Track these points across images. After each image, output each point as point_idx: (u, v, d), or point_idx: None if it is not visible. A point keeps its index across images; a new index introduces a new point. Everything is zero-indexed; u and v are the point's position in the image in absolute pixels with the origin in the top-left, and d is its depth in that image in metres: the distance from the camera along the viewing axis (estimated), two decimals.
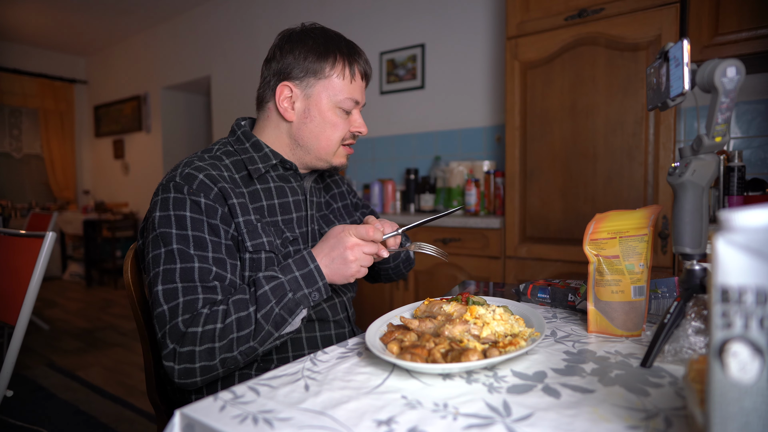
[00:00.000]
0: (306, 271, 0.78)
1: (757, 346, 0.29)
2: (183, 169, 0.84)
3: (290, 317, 0.76)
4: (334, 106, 0.92)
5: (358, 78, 0.94)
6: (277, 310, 0.75)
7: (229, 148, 0.94)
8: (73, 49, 5.78)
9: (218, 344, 0.73)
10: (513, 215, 2.09)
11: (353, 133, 0.97)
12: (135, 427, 2.06)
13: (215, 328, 0.73)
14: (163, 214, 0.80)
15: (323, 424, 0.47)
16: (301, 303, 0.77)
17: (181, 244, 0.78)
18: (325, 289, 0.79)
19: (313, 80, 0.91)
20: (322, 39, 0.92)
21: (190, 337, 0.73)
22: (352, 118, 0.95)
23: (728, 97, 0.57)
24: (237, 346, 0.74)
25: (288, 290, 0.76)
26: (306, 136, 0.93)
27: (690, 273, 0.64)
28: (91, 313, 4.04)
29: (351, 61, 0.93)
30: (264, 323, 0.74)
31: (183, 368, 0.73)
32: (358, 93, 0.94)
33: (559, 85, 1.94)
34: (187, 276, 0.77)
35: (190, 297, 0.75)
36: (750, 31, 1.59)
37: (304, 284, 0.77)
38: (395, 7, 3.06)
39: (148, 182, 5.27)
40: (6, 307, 1.28)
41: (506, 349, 0.61)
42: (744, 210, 0.29)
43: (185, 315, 0.74)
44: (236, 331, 0.73)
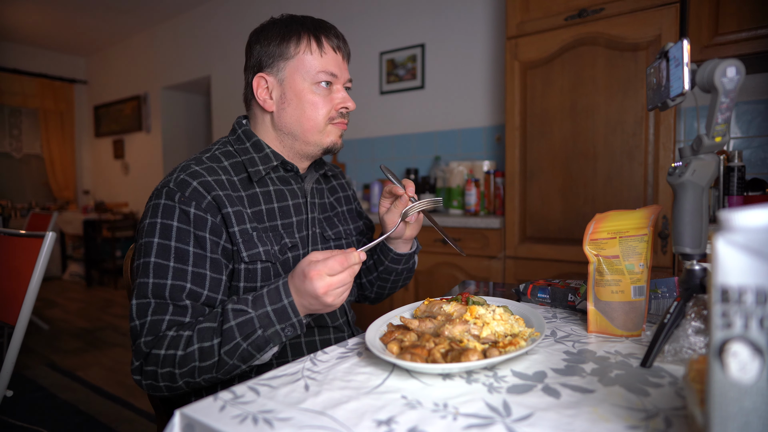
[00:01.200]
0: (279, 307, 0.72)
1: (757, 346, 0.29)
2: (178, 175, 0.82)
3: (259, 354, 0.72)
4: (309, 84, 0.88)
5: (329, 51, 0.89)
6: (244, 345, 0.70)
7: (229, 148, 0.92)
8: (73, 49, 5.78)
9: (179, 371, 0.71)
10: (513, 215, 2.09)
11: (340, 111, 0.92)
12: (135, 427, 2.06)
13: (176, 354, 0.71)
14: (151, 221, 0.79)
15: (323, 424, 0.47)
16: (272, 341, 0.71)
17: (159, 258, 0.77)
18: (300, 325, 0.73)
19: (282, 63, 0.88)
20: (286, 22, 0.90)
21: (152, 358, 0.72)
22: (333, 95, 0.90)
23: (728, 97, 0.57)
24: (199, 375, 0.72)
25: (257, 327, 0.71)
26: (288, 122, 0.90)
27: (690, 273, 0.64)
28: (91, 313, 4.04)
29: (317, 34, 0.88)
30: (227, 359, 0.71)
31: (149, 384, 0.74)
32: (333, 66, 0.89)
33: (559, 85, 1.94)
34: (159, 292, 0.75)
35: (156, 317, 0.74)
36: (750, 31, 1.59)
37: (276, 320, 0.71)
38: (395, 7, 3.06)
39: (148, 182, 5.27)
40: (6, 307, 1.28)
41: (506, 349, 0.61)
42: (744, 210, 0.29)
43: (148, 337, 0.74)
44: (198, 361, 0.71)
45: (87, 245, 5.21)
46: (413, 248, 1.05)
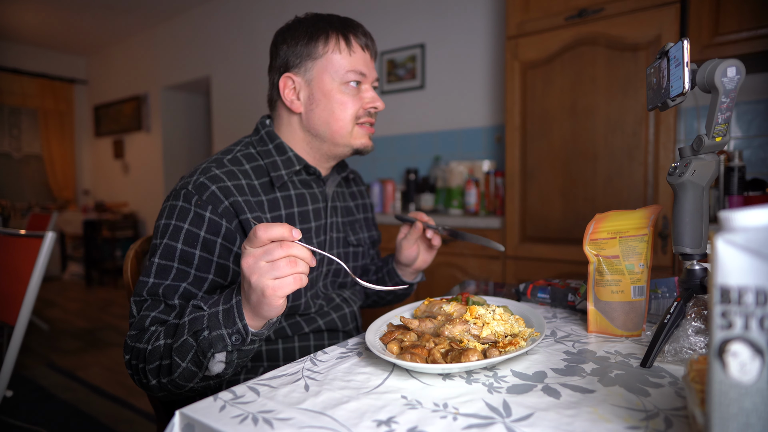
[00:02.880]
0: (228, 307, 0.63)
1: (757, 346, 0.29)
2: (198, 177, 0.80)
3: (204, 358, 0.63)
4: (338, 83, 0.86)
5: (357, 49, 0.87)
6: (195, 346, 0.64)
7: (251, 150, 0.90)
8: (73, 49, 5.78)
9: (148, 366, 0.69)
10: (513, 215, 2.09)
11: (367, 111, 0.89)
12: (135, 427, 2.06)
13: (146, 349, 0.70)
14: (165, 222, 0.79)
15: (323, 424, 0.47)
16: (214, 345, 0.62)
17: (163, 259, 0.76)
18: (245, 332, 0.62)
19: (310, 63, 0.86)
20: (313, 21, 0.88)
21: (135, 353, 0.72)
22: (362, 95, 0.89)
23: (728, 97, 0.57)
24: (162, 375, 0.68)
25: (204, 326, 0.63)
26: (316, 123, 0.88)
27: (690, 273, 0.64)
28: (91, 313, 4.04)
29: (346, 33, 0.87)
30: (179, 360, 0.65)
31: (138, 380, 0.73)
32: (362, 65, 0.87)
33: (559, 85, 1.94)
34: (154, 290, 0.75)
35: (145, 313, 0.74)
36: (750, 31, 1.59)
37: (223, 322, 0.62)
38: (395, 7, 3.06)
39: (147, 182, 5.27)
40: (6, 307, 1.28)
41: (506, 349, 0.61)
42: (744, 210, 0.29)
43: (133, 331, 0.73)
44: (161, 357, 0.68)
45: (87, 245, 5.21)
46: (418, 278, 1.06)
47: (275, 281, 0.57)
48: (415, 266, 1.02)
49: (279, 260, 0.58)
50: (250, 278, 0.58)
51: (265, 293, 0.58)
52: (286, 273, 0.58)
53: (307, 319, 0.89)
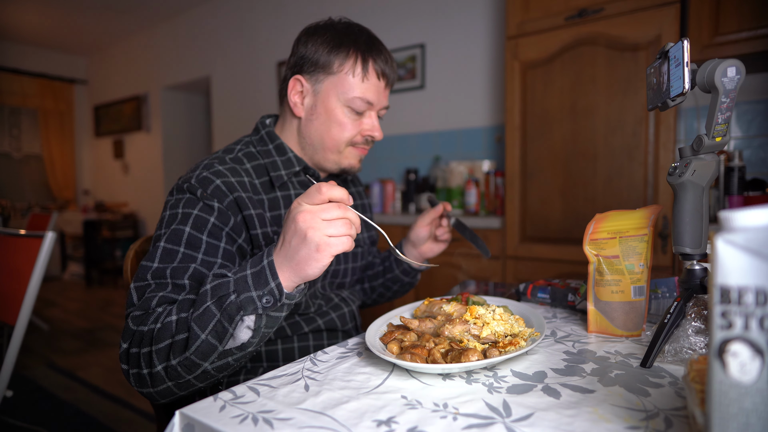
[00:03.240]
0: (258, 269, 0.61)
1: (757, 347, 0.29)
2: (201, 172, 0.80)
3: (230, 326, 0.60)
4: (342, 105, 0.86)
5: (372, 77, 0.86)
6: (217, 315, 0.60)
7: (252, 149, 0.90)
8: (73, 49, 5.78)
9: (155, 347, 0.63)
10: (513, 215, 2.09)
11: (365, 138, 0.90)
12: (135, 427, 2.06)
13: (154, 328, 0.64)
14: (171, 212, 0.77)
15: (323, 424, 0.47)
16: (244, 308, 0.60)
17: (169, 243, 0.73)
18: (279, 291, 0.60)
19: (323, 75, 0.86)
20: (341, 32, 0.86)
21: (137, 338, 0.66)
22: (363, 121, 0.89)
23: (728, 97, 0.57)
24: (173, 355, 0.62)
25: (231, 290, 0.61)
26: (312, 133, 0.89)
27: (690, 273, 0.64)
28: (91, 313, 4.04)
29: (366, 57, 0.85)
30: (198, 330, 0.60)
31: (135, 374, 0.66)
32: (372, 94, 0.86)
33: (559, 85, 1.94)
34: (160, 273, 0.71)
35: (151, 294, 0.69)
36: (750, 31, 1.59)
37: (253, 284, 0.60)
38: (395, 7, 3.06)
39: (148, 182, 5.27)
40: (6, 307, 1.28)
41: (506, 349, 0.61)
42: (744, 210, 0.29)
43: (137, 312, 0.69)
44: (174, 334, 0.62)
45: (87, 245, 5.21)
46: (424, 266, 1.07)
47: (330, 238, 0.59)
48: (421, 249, 1.04)
49: (336, 220, 0.59)
50: (306, 232, 0.58)
51: (319, 248, 0.58)
52: (341, 233, 0.59)
53: (307, 319, 0.89)
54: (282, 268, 0.61)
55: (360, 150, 0.91)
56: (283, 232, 0.61)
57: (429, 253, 1.04)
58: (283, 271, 0.61)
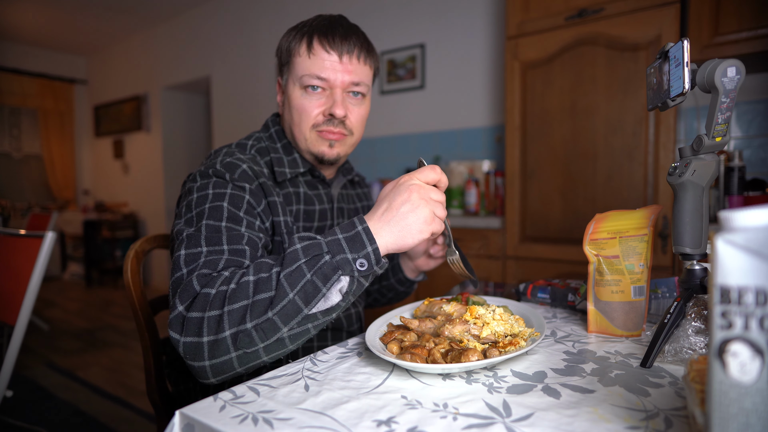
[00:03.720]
0: (351, 234, 0.61)
1: (757, 347, 0.29)
2: (224, 158, 0.80)
3: (325, 285, 0.58)
4: (298, 88, 0.85)
5: (319, 51, 0.82)
6: (308, 275, 0.58)
7: (262, 145, 0.91)
8: (73, 49, 5.78)
9: (227, 309, 0.58)
10: (513, 215, 2.09)
11: (328, 118, 0.85)
12: (135, 427, 2.06)
13: (227, 289, 0.60)
14: (200, 194, 0.75)
15: (323, 424, 0.47)
16: (341, 268, 0.59)
17: (211, 219, 0.71)
18: (376, 256, 0.60)
19: (286, 69, 0.87)
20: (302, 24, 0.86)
21: (201, 300, 0.61)
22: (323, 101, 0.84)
23: (728, 97, 0.57)
24: (251, 317, 0.58)
25: (325, 251, 0.59)
26: (286, 127, 0.91)
27: (690, 273, 0.64)
28: (91, 313, 4.04)
29: (311, 33, 0.83)
30: (287, 288, 0.58)
31: (190, 343, 0.60)
32: (322, 68, 0.82)
33: (559, 85, 1.94)
34: (214, 240, 0.69)
35: (213, 257, 0.67)
36: (750, 31, 1.59)
37: (348, 248, 0.60)
38: (395, 7, 3.06)
39: (148, 182, 5.27)
40: (6, 307, 1.28)
41: (506, 349, 0.61)
42: (744, 210, 0.29)
43: (203, 269, 0.65)
44: (252, 294, 0.59)
45: (87, 245, 5.21)
46: (420, 278, 1.06)
47: (435, 217, 0.63)
48: (417, 263, 1.03)
49: (439, 203, 0.65)
50: (419, 203, 0.62)
51: (426, 220, 0.62)
52: (441, 215, 0.64)
53: None
54: (380, 234, 0.61)
55: (325, 134, 0.86)
56: (389, 199, 0.63)
57: (424, 266, 1.03)
58: (381, 237, 0.61)
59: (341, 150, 0.89)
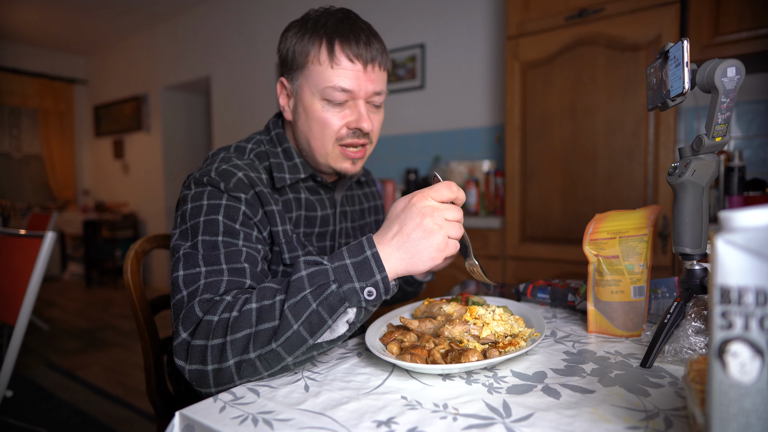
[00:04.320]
0: (360, 259, 0.58)
1: (757, 347, 0.29)
2: (219, 165, 0.76)
3: (330, 318, 0.56)
4: (318, 99, 0.79)
5: (342, 60, 0.76)
6: (314, 305, 0.56)
7: (262, 149, 0.87)
8: (72, 49, 5.78)
9: (230, 338, 0.57)
10: (513, 215, 2.09)
11: (352, 131, 0.81)
12: (135, 427, 2.06)
13: (230, 317, 0.58)
14: (194, 204, 0.73)
15: (323, 424, 0.47)
16: (347, 299, 0.57)
17: (207, 235, 0.69)
18: (385, 285, 0.58)
19: (297, 72, 0.80)
20: (310, 21, 0.79)
21: (204, 327, 0.59)
22: (346, 112, 0.80)
23: (728, 97, 0.57)
24: (254, 347, 0.56)
25: (331, 280, 0.57)
26: (300, 136, 0.84)
27: (690, 273, 0.64)
28: (91, 313, 4.04)
29: (331, 39, 0.76)
30: (292, 320, 0.56)
31: (195, 370, 0.59)
32: (348, 80, 0.77)
33: (559, 85, 1.94)
34: (212, 260, 0.66)
35: (213, 279, 0.64)
36: (750, 31, 1.59)
37: (356, 275, 0.57)
38: (395, 7, 3.06)
39: (148, 182, 5.27)
40: (6, 307, 1.28)
41: (506, 349, 0.61)
42: (744, 210, 0.29)
43: (205, 294, 0.62)
44: (255, 323, 0.57)
45: (87, 245, 5.21)
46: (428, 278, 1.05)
47: (449, 240, 0.60)
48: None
49: (455, 222, 0.61)
50: (432, 228, 0.58)
51: (439, 248, 0.59)
52: (455, 236, 0.60)
53: None
54: (389, 259, 0.59)
55: (349, 151, 0.83)
56: (400, 222, 0.60)
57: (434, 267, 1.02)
58: (390, 262, 0.59)
59: (362, 163, 0.88)
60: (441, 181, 0.63)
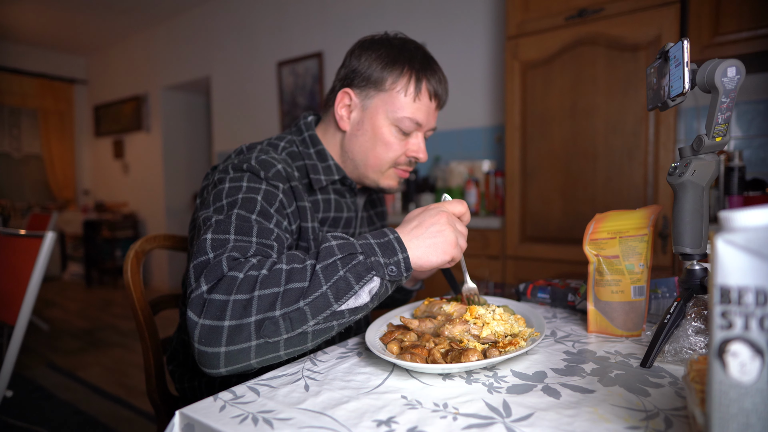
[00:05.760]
0: (384, 241, 0.63)
1: (757, 347, 0.29)
2: (259, 155, 0.78)
3: (358, 284, 0.58)
4: (390, 123, 0.84)
5: (424, 97, 0.84)
6: (341, 272, 0.58)
7: (295, 149, 0.89)
8: (72, 49, 5.78)
9: (258, 293, 0.57)
10: (513, 215, 2.09)
11: (409, 159, 0.89)
12: (135, 427, 2.06)
13: (259, 274, 0.59)
14: (233, 185, 0.74)
15: (323, 424, 0.47)
16: (375, 269, 0.60)
17: (243, 209, 0.70)
18: (406, 264, 0.62)
19: (374, 91, 0.84)
20: (396, 48, 0.84)
21: (226, 282, 0.58)
22: (409, 141, 0.87)
23: (728, 97, 0.57)
24: (282, 304, 0.56)
25: (359, 252, 0.60)
26: (356, 149, 0.87)
27: (690, 273, 0.64)
28: (91, 313, 4.04)
29: (420, 76, 0.83)
30: (323, 280, 0.57)
31: (208, 326, 0.56)
32: (422, 114, 0.85)
33: (559, 85, 1.94)
34: (244, 230, 0.67)
35: (242, 244, 0.65)
36: (750, 31, 1.59)
37: (380, 252, 0.61)
38: (395, 7, 3.06)
39: (148, 182, 5.27)
40: (6, 307, 1.28)
41: (506, 349, 0.61)
42: (744, 210, 0.29)
43: (233, 252, 0.63)
44: (285, 282, 0.58)
45: (87, 245, 5.21)
46: (417, 286, 1.06)
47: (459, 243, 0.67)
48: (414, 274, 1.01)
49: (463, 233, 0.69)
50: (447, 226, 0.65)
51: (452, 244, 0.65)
52: (463, 245, 0.68)
53: None
54: (409, 246, 0.63)
55: (401, 171, 0.91)
56: (419, 219, 0.66)
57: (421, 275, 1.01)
58: (410, 249, 0.63)
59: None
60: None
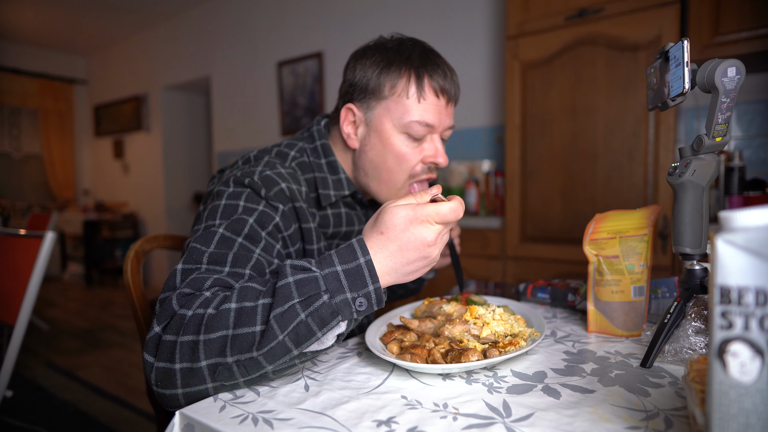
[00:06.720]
0: (352, 267, 0.54)
1: (757, 347, 0.29)
2: (264, 170, 0.74)
3: (321, 330, 0.52)
4: (399, 131, 0.77)
5: (429, 95, 0.76)
6: (302, 316, 0.52)
7: (305, 159, 0.83)
8: (73, 49, 5.78)
9: (203, 337, 0.52)
10: (513, 215, 2.09)
11: (427, 165, 0.81)
12: (135, 427, 2.06)
13: (205, 314, 0.54)
14: (230, 202, 0.70)
15: (323, 424, 0.47)
16: (340, 312, 0.53)
17: (229, 231, 0.66)
18: (377, 295, 0.55)
19: (374, 101, 0.78)
20: (391, 51, 0.77)
21: (176, 322, 0.55)
22: (424, 146, 0.79)
23: (728, 97, 0.57)
24: (232, 351, 0.52)
25: (322, 290, 0.53)
26: (368, 166, 0.81)
27: (690, 273, 0.64)
28: (90, 313, 4.04)
29: (420, 73, 0.76)
30: (277, 330, 0.52)
31: (162, 368, 0.54)
32: (432, 115, 0.77)
33: (559, 85, 1.94)
34: (218, 258, 0.63)
35: (202, 275, 0.61)
36: (750, 31, 1.59)
37: (348, 284, 0.53)
38: (395, 7, 3.06)
39: (148, 182, 5.27)
40: (6, 307, 1.28)
41: (506, 349, 0.61)
42: (744, 210, 0.29)
43: (186, 288, 0.59)
44: (232, 325, 0.52)
45: (87, 245, 5.21)
46: (430, 275, 1.05)
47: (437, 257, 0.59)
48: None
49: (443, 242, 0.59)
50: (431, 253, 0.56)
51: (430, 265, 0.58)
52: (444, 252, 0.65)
53: None
54: (382, 273, 0.55)
55: (420, 185, 0.82)
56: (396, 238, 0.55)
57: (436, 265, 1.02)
58: (383, 276, 0.56)
59: None
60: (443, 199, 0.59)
